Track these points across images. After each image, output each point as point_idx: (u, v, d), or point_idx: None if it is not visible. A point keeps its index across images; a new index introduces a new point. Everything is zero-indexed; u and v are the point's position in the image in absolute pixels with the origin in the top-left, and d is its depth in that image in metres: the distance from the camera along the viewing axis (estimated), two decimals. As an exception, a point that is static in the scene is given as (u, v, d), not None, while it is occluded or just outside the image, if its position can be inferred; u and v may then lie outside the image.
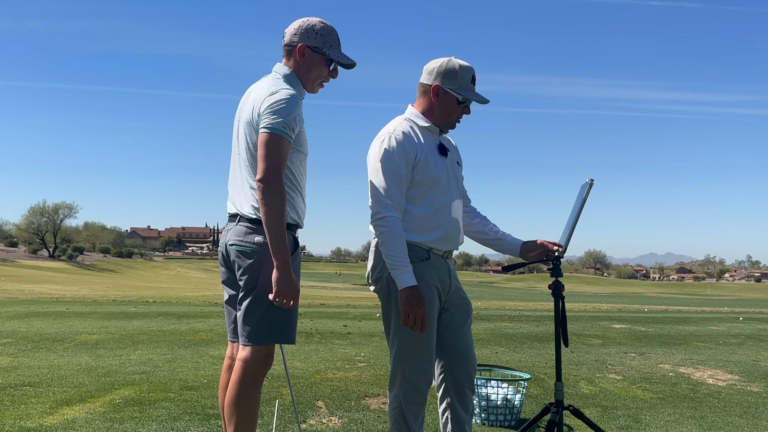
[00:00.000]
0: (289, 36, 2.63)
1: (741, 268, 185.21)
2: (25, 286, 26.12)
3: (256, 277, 2.51)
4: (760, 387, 5.54)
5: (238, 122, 2.65)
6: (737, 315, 17.00)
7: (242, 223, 2.56)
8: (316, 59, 2.63)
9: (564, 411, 2.90)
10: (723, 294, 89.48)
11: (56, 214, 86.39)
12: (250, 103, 2.55)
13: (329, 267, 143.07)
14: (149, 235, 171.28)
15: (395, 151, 2.62)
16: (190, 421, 3.80)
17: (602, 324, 11.63)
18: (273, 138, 2.42)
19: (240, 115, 2.64)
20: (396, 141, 2.63)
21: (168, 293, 22.07)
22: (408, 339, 2.65)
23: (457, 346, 2.79)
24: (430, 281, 2.70)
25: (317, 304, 15.83)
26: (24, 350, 6.36)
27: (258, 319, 2.51)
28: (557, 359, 2.90)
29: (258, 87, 2.61)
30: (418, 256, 2.67)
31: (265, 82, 2.61)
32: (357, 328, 9.40)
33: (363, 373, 5.58)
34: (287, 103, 2.45)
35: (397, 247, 2.57)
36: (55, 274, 54.42)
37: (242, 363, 2.52)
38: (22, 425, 3.61)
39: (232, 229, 2.60)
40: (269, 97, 2.47)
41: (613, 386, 5.35)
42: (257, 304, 2.51)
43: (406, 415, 2.65)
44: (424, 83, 2.78)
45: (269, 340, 2.53)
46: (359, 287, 66.72)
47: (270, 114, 2.43)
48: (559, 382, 2.87)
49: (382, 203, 2.58)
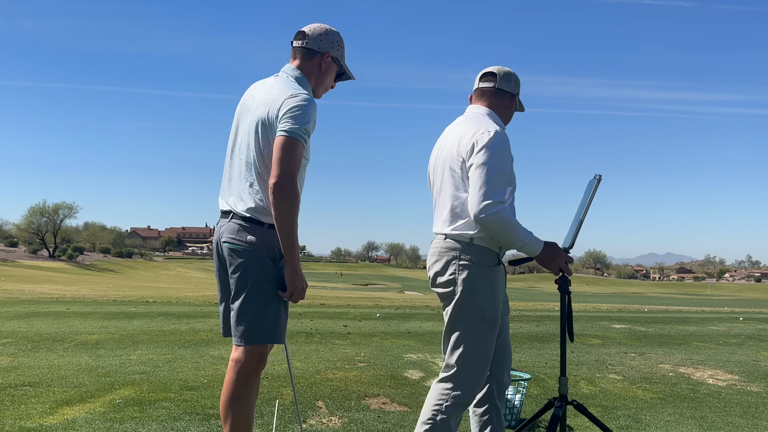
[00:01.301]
0: (314, 41, 2.65)
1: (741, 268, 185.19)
2: (25, 286, 26.13)
3: (246, 276, 2.50)
4: (760, 387, 5.54)
5: (241, 119, 2.64)
6: (737, 315, 17.01)
7: (235, 220, 2.54)
8: (333, 69, 2.71)
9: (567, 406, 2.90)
10: (723, 294, 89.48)
11: (56, 214, 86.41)
12: (266, 103, 2.52)
13: (329, 267, 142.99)
14: (149, 235, 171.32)
15: (507, 147, 2.68)
16: (190, 421, 3.80)
17: (602, 324, 11.63)
18: (291, 142, 2.42)
19: (245, 113, 2.63)
20: (507, 138, 2.70)
21: (168, 293, 22.07)
22: (480, 344, 2.69)
23: (504, 349, 2.90)
24: (501, 287, 2.76)
25: (317, 304, 15.83)
26: (24, 350, 6.36)
27: (251, 319, 2.50)
28: (562, 354, 2.90)
29: (272, 87, 2.58)
30: (492, 261, 2.71)
31: (278, 82, 2.60)
32: (357, 328, 9.41)
33: (363, 373, 5.58)
34: (307, 108, 2.46)
35: (518, 224, 2.62)
36: (55, 274, 54.42)
37: (236, 363, 2.53)
38: (22, 425, 3.61)
39: (225, 225, 2.59)
40: (289, 100, 2.47)
41: (613, 386, 5.35)
42: (249, 304, 2.50)
43: (450, 415, 2.67)
44: (504, 89, 2.88)
45: (262, 339, 2.52)
46: (359, 287, 66.72)
47: (290, 118, 2.44)
48: (564, 377, 2.87)
49: (495, 192, 2.59)
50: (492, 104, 2.88)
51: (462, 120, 2.87)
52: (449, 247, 2.71)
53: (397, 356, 6.61)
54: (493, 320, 2.71)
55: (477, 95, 2.93)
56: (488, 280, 2.69)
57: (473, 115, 2.85)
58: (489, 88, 2.89)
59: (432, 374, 5.63)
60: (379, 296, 31.33)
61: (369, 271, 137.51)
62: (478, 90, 2.93)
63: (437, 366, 6.07)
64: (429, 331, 9.49)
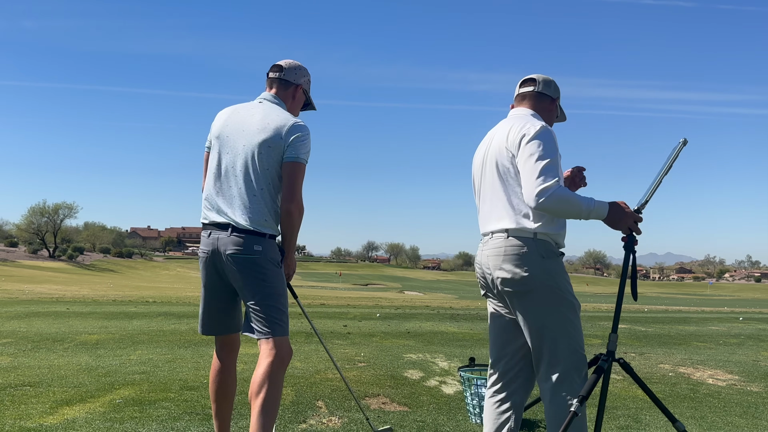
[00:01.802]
0: (289, 73, 3.03)
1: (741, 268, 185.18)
2: (25, 286, 26.13)
3: (262, 281, 2.80)
4: (760, 387, 5.54)
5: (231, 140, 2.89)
6: (737, 315, 17.02)
7: (237, 234, 2.79)
8: (302, 99, 3.11)
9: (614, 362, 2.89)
10: (723, 294, 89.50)
11: (56, 214, 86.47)
12: (270, 129, 2.83)
13: (329, 267, 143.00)
14: (149, 235, 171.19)
15: (555, 140, 2.70)
16: (190, 421, 3.80)
17: (602, 324, 11.64)
18: (301, 168, 2.84)
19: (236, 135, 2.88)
20: (554, 133, 2.73)
21: (168, 293, 22.08)
22: (576, 332, 2.72)
23: None
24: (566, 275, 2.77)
25: (317, 304, 15.83)
26: (24, 350, 6.36)
27: (278, 315, 2.83)
28: (617, 310, 2.89)
29: (268, 113, 2.89)
30: (553, 251, 2.72)
31: (273, 109, 2.92)
32: (357, 328, 9.41)
33: (363, 373, 5.58)
34: (309, 136, 2.89)
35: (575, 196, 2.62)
36: (55, 274, 54.43)
37: (270, 352, 2.78)
38: (22, 425, 3.61)
39: (225, 239, 2.80)
40: (295, 127, 2.84)
41: (613, 386, 5.35)
42: (272, 303, 2.81)
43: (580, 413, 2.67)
44: (544, 93, 2.92)
45: (287, 331, 2.87)
46: (359, 287, 66.72)
47: (298, 146, 2.82)
48: (614, 334, 2.86)
49: (548, 175, 2.59)
50: (534, 107, 2.91)
51: (507, 120, 2.89)
52: (516, 245, 2.69)
53: (396, 356, 6.61)
54: (578, 306, 2.75)
55: (518, 100, 2.96)
56: (562, 270, 2.73)
57: (518, 115, 2.87)
58: (529, 92, 2.92)
59: (432, 374, 5.63)
60: (379, 296, 31.35)
61: (369, 271, 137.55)
62: (519, 95, 2.96)
63: (437, 366, 6.07)
64: (429, 331, 9.49)
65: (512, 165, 2.70)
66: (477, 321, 11.76)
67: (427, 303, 21.91)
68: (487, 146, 2.88)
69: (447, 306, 18.58)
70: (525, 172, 2.62)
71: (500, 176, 2.75)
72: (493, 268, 2.75)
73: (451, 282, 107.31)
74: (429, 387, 5.10)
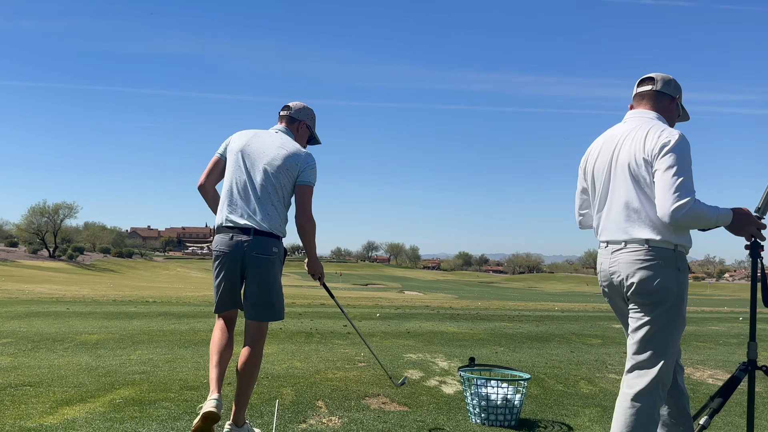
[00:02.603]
0: (295, 112, 3.72)
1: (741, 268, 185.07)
2: (26, 286, 26.15)
3: (275, 276, 3.49)
4: (760, 387, 5.54)
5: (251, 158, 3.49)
6: (737, 315, 17.02)
7: (260, 236, 3.41)
8: (306, 133, 3.76)
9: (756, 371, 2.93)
10: (723, 294, 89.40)
11: (56, 214, 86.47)
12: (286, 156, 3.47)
13: (329, 267, 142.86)
14: (149, 235, 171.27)
15: (690, 150, 2.68)
16: (190, 421, 3.80)
17: (602, 324, 11.64)
18: (311, 190, 3.53)
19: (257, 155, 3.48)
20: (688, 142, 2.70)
21: (168, 293, 22.09)
22: (677, 343, 2.75)
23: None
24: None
25: (317, 304, 15.83)
26: (24, 350, 6.36)
27: (280, 304, 3.53)
28: (752, 319, 2.92)
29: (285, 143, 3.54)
30: (687, 264, 2.76)
31: (288, 139, 3.59)
32: (357, 328, 9.40)
33: (363, 373, 5.58)
34: (315, 165, 3.57)
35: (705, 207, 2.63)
36: (55, 274, 54.47)
37: (261, 333, 3.48)
38: (22, 425, 3.61)
39: (251, 240, 3.40)
40: (306, 157, 3.53)
41: (613, 386, 5.35)
42: (277, 294, 3.50)
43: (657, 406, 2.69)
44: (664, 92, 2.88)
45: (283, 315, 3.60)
46: (359, 287, 66.75)
47: (310, 173, 3.52)
48: (753, 342, 2.87)
49: (687, 190, 2.59)
50: (654, 107, 2.87)
51: (634, 123, 2.84)
52: (656, 256, 2.69)
53: (397, 356, 6.61)
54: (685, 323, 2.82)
55: (637, 100, 2.92)
56: (688, 287, 2.76)
57: (644, 120, 2.82)
58: (648, 91, 2.88)
59: (432, 374, 5.63)
60: (379, 296, 31.36)
61: (369, 271, 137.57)
62: (637, 95, 2.92)
63: (437, 366, 6.08)
64: (429, 331, 9.50)
65: (648, 174, 2.68)
66: (477, 321, 11.77)
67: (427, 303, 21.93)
68: (613, 149, 2.82)
69: (447, 306, 18.59)
70: (661, 185, 2.61)
71: (636, 185, 2.72)
72: (630, 275, 2.74)
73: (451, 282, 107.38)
74: (429, 387, 5.11)
